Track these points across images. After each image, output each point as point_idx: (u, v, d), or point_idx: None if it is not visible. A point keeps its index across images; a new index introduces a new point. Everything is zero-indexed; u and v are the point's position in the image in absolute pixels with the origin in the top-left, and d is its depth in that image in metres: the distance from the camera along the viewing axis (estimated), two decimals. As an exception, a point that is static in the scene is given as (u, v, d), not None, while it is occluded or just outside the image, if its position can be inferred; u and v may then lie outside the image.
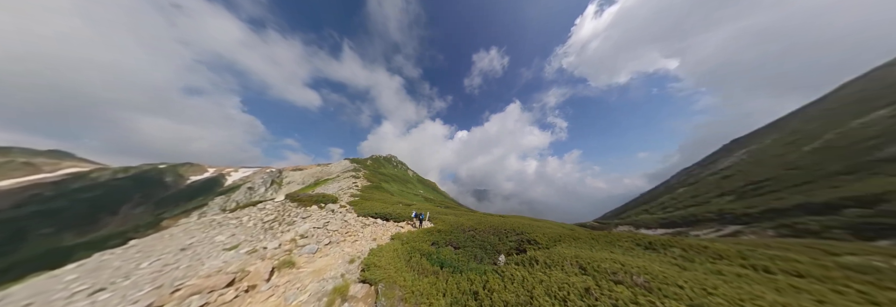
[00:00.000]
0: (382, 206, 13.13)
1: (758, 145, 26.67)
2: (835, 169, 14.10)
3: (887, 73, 23.06)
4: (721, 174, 24.05)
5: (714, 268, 4.81)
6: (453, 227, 9.57)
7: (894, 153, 12.03)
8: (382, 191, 25.55)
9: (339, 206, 12.70)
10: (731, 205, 14.90)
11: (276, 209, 12.34)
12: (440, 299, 4.22)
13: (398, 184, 45.48)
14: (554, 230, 9.54)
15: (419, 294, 4.35)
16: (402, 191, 38.10)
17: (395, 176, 54.14)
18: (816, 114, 25.81)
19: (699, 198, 19.74)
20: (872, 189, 9.53)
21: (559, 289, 4.00)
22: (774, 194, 13.66)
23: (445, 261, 6.41)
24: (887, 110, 16.68)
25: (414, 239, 7.92)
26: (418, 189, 51.44)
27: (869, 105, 19.54)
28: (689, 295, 3.41)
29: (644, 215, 20.71)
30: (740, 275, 4.38)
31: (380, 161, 69.88)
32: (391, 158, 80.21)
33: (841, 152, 15.78)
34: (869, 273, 4.27)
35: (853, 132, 17.46)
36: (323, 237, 8.17)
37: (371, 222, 10.68)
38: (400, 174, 63.12)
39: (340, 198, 15.93)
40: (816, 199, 10.69)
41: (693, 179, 27.96)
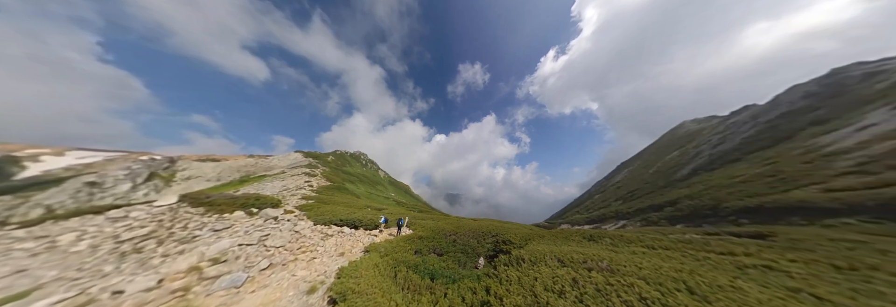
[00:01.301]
0: (348, 211, 10.57)
1: (631, 167, 42.36)
2: (661, 184, 23.95)
3: (679, 129, 47.22)
4: (615, 186, 35.76)
5: (629, 249, 6.73)
6: (434, 233, 8.75)
7: (682, 175, 22.67)
8: (346, 194, 21.16)
9: (283, 212, 9.43)
10: (620, 207, 21.96)
11: (155, 219, 7.94)
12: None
13: (366, 185, 38.20)
14: (521, 230, 10.10)
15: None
16: (370, 193, 32.16)
17: (364, 176, 45.50)
18: (653, 150, 44.76)
19: (605, 203, 28.75)
20: (673, 196, 16.62)
21: (553, 283, 4.34)
22: (639, 199, 21.66)
23: (436, 271, 5.67)
24: (678, 152, 32.79)
25: (394, 249, 6.63)
26: (389, 191, 44.56)
27: (673, 146, 37.22)
28: (634, 271, 4.57)
29: (576, 215, 27.43)
30: (645, 252, 6.30)
31: (345, 158, 57.45)
32: (360, 156, 67.77)
33: (662, 174, 27.31)
34: (690, 242, 6.91)
35: (666, 162, 31.22)
36: (257, 258, 5.56)
37: (335, 232, 8.14)
38: (369, 174, 53.39)
39: (286, 200, 12.41)
40: (655, 202, 17.70)
41: (602, 189, 40.53)
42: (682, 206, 14.45)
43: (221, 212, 8.88)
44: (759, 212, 10.69)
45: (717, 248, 6.28)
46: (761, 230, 8.90)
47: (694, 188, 16.59)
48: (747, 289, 3.57)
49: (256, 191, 15.12)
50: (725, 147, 23.36)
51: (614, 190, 32.89)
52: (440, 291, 4.61)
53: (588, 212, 25.97)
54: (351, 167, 52.52)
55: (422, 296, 4.33)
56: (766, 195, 11.47)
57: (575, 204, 44.19)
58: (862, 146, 12.05)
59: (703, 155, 25.32)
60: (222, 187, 24.95)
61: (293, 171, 28.11)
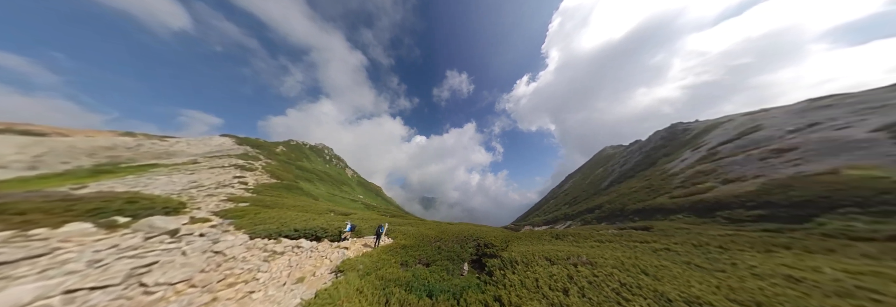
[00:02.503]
0: (306, 218, 8.23)
1: (574, 179, 54.30)
2: (592, 192, 32.26)
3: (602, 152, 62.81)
4: (563, 193, 44.91)
5: (588, 244, 8.60)
6: (418, 240, 7.99)
7: (604, 186, 31.38)
8: (299, 195, 17.22)
9: (188, 222, 6.51)
10: (567, 210, 28.13)
11: None
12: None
13: (329, 185, 32.58)
14: (497, 233, 10.29)
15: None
16: (333, 195, 27.09)
17: (327, 174, 38.46)
18: (588, 166, 58.65)
19: (557, 207, 35.63)
20: (599, 202, 22.70)
21: (554, 281, 4.62)
22: (579, 204, 28.29)
23: (433, 286, 4.84)
24: (602, 169, 44.22)
25: (377, 264, 5.38)
26: (357, 193, 40.10)
27: (599, 165, 49.97)
28: (606, 262, 5.46)
29: (536, 218, 32.59)
30: (599, 245, 8.28)
31: (303, 150, 47.07)
32: (324, 150, 57.46)
33: (593, 185, 36.45)
34: (621, 235, 9.67)
35: (595, 176, 42.01)
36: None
37: (287, 247, 5.91)
38: (334, 173, 45.65)
39: (195, 203, 8.83)
40: (589, 206, 23.34)
41: (554, 196, 50.20)
42: (604, 209, 19.69)
43: (27, 226, 4.35)
44: (643, 212, 15.69)
45: (637, 239, 8.88)
46: (646, 224, 12.96)
47: (610, 196, 22.64)
48: (670, 266, 5.35)
49: (133, 189, 9.86)
50: (626, 167, 33.40)
51: (563, 196, 41.54)
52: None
53: (545, 215, 31.49)
54: (310, 162, 43.44)
55: (431, 323, 3.59)
56: (646, 201, 16.95)
57: (535, 208, 52.09)
58: (682, 171, 19.26)
59: (615, 172, 35.29)
60: (41, 181, 12.83)
61: (215, 162, 19.77)
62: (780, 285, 4.11)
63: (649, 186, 20.36)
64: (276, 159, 30.62)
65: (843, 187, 9.77)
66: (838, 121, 16.35)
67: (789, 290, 3.85)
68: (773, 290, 3.89)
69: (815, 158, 13.11)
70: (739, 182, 13.89)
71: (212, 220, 7.21)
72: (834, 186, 10.04)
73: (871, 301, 3.33)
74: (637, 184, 22.59)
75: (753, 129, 21.32)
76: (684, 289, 4.06)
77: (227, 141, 33.80)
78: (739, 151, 18.22)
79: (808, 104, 22.25)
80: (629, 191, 21.72)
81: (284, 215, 8.40)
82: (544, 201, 54.23)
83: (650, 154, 32.44)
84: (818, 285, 4.05)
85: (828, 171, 11.37)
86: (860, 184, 9.66)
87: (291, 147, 45.57)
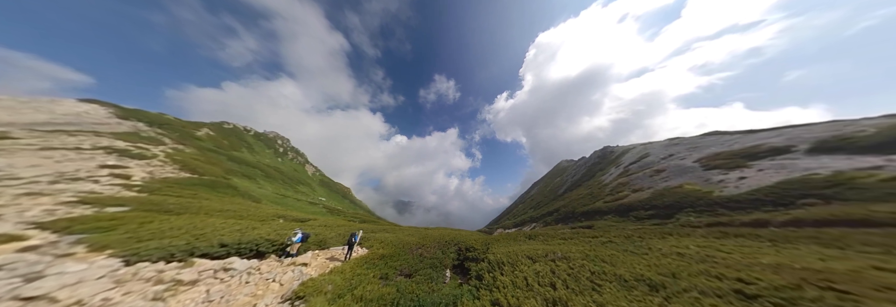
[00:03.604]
0: (238, 227, 6.31)
1: (539, 186, 63.09)
2: (551, 198, 38.99)
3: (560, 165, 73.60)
4: (530, 198, 52.39)
5: (556, 242, 10.26)
6: (398, 249, 7.37)
7: (560, 193, 38.78)
8: (230, 195, 13.54)
9: None
10: (533, 213, 32.24)
11: None
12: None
13: (279, 184, 26.29)
14: (475, 236, 10.66)
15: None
16: (284, 196, 20.96)
17: (277, 170, 31.30)
18: (549, 176, 68.58)
19: (524, 211, 41.06)
20: (556, 206, 27.99)
21: (541, 277, 5.04)
22: (541, 208, 33.00)
23: (425, 300, 4.34)
24: (559, 178, 53.95)
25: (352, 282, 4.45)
26: (319, 195, 34.16)
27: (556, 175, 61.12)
28: (576, 256, 6.29)
29: (506, 221, 36.21)
30: (565, 242, 10.12)
31: (242, 137, 37.42)
32: (276, 139, 46.81)
33: (552, 192, 44.12)
34: (578, 233, 11.92)
35: (554, 184, 50.70)
36: None
37: (203, 273, 4.23)
38: (288, 169, 38.11)
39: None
40: (548, 210, 27.92)
41: (523, 201, 57.53)
42: (560, 212, 23.96)
43: None
44: (587, 214, 19.99)
45: (588, 235, 11.22)
46: (589, 224, 17.10)
47: (565, 201, 27.76)
48: (617, 254, 7.03)
49: None
50: (576, 178, 41.59)
51: (530, 201, 48.28)
52: None
53: (515, 218, 35.16)
54: (253, 154, 34.96)
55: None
56: (589, 205, 21.60)
57: (506, 212, 58.56)
58: (610, 183, 25.44)
59: (568, 182, 43.41)
60: None
61: (59, 140, 13.20)
62: (676, 259, 6.24)
63: (590, 194, 26.15)
64: (195, 145, 23.11)
65: (684, 196, 15.16)
66: (679, 154, 25.17)
67: (681, 262, 5.64)
68: (676, 263, 5.50)
69: (672, 177, 20.63)
70: (641, 191, 19.44)
71: (30, 238, 4.28)
72: (680, 195, 15.48)
73: (714, 261, 5.72)
74: (583, 192, 28.02)
75: (645, 155, 31.55)
76: (632, 270, 5.16)
77: (94, 110, 22.36)
78: (639, 170, 26.07)
79: (668, 142, 33.28)
80: (577, 197, 26.99)
81: (202, 224, 6.09)
82: (514, 206, 61.03)
83: (591, 168, 41.29)
84: (691, 256, 6.35)
85: (677, 186, 17.33)
86: (690, 194, 15.22)
87: (224, 131, 35.19)
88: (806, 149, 16.55)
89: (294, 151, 49.14)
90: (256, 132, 44.65)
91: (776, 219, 9.54)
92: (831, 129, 17.98)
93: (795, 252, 5.93)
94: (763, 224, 9.61)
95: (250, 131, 43.76)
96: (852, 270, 4.31)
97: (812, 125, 20.83)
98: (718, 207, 13.01)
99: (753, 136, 22.76)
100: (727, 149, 21.36)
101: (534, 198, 49.97)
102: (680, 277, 4.76)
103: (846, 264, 4.77)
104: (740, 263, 5.25)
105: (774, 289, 3.83)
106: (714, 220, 11.60)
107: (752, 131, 25.09)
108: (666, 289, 4.40)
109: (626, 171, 27.88)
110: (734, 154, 19.40)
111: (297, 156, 48.31)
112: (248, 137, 39.07)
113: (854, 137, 15.56)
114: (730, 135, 26.52)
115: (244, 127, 42.92)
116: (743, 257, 5.76)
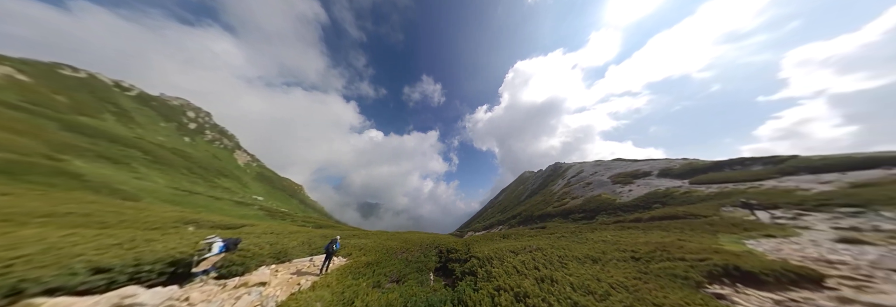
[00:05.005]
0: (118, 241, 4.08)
1: (506, 193, 71.40)
2: (515, 203, 46.85)
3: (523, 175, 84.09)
4: (498, 203, 59.57)
5: (525, 239, 13.60)
6: (383, 255, 7.42)
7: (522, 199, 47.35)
8: (63, 186, 9.16)
9: None
10: (500, 217, 36.87)
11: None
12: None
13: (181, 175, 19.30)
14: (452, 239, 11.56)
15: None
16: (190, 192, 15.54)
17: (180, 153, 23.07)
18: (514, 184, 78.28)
19: (492, 215, 46.47)
20: (519, 211, 34.18)
21: (525, 265, 6.35)
22: (507, 212, 38.90)
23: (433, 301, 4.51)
24: (522, 186, 63.53)
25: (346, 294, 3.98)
26: (253, 192, 26.74)
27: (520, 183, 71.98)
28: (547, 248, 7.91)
29: (476, 224, 40.02)
30: (533, 239, 13.68)
31: (106, 95, 24.20)
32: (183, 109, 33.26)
33: (516, 198, 53.08)
34: (538, 232, 16.04)
35: (518, 192, 59.63)
36: None
37: None
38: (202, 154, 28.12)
39: None
40: (513, 214, 33.72)
41: (491, 206, 64.00)
42: (522, 216, 29.06)
43: None
44: (541, 217, 25.49)
45: (546, 232, 15.08)
46: (543, 224, 22.62)
47: (525, 206, 33.37)
48: (569, 244, 10.14)
49: None
50: (534, 187, 49.77)
51: (497, 206, 54.42)
52: None
53: (484, 222, 39.48)
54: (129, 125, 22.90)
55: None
56: (543, 209, 27.38)
57: (476, 216, 64.08)
58: (558, 191, 33.00)
59: (528, 190, 51.45)
60: None
61: None
62: (602, 244, 9.53)
63: (544, 200, 33.63)
64: None
65: (602, 203, 22.14)
66: (600, 172, 37.15)
67: (605, 245, 8.13)
68: (602, 246, 8.09)
69: (595, 189, 29.72)
70: (577, 199, 26.50)
71: None
72: (599, 202, 22.35)
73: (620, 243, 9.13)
74: (538, 199, 35.36)
75: (580, 171, 42.44)
76: (581, 252, 7.31)
77: None
78: (577, 183, 35.64)
79: (594, 162, 47.02)
80: (535, 203, 33.77)
81: (19, 240, 3.49)
82: (484, 210, 67.50)
83: (545, 179, 50.86)
84: (609, 241, 10.04)
85: (597, 195, 24.83)
86: (605, 201, 22.29)
87: (58, 79, 22.00)
88: (656, 174, 27.21)
89: (216, 131, 36.96)
90: (143, 93, 30.57)
91: (644, 217, 15.89)
92: (665, 164, 29.52)
93: (652, 234, 10.59)
94: (638, 220, 15.77)
95: (130, 90, 29.42)
96: (670, 242, 8.58)
97: (658, 160, 33.37)
98: (618, 210, 19.91)
99: (636, 164, 35.07)
100: (624, 170, 32.09)
101: (501, 204, 57.02)
102: (607, 253, 8.07)
103: (667, 239, 9.26)
104: (631, 243, 9.13)
105: (645, 254, 7.50)
106: (617, 219, 17.83)
107: (635, 161, 38.55)
108: (601, 260, 7.47)
109: (569, 183, 36.83)
110: (627, 174, 29.49)
111: (221, 137, 36.64)
112: (121, 98, 25.95)
113: (672, 169, 26.41)
114: (626, 161, 39.73)
115: (116, 81, 28.59)
116: (632, 239, 9.86)
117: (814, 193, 11.51)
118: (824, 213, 8.94)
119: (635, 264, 6.79)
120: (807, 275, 4.75)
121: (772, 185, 14.88)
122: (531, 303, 4.43)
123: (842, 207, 9.00)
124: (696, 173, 23.25)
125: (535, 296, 4.76)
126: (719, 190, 16.93)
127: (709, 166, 23.96)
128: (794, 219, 8.78)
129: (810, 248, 6.00)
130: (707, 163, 24.82)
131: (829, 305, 3.70)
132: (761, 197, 12.15)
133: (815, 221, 8.34)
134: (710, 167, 23.79)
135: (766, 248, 6.52)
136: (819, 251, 5.71)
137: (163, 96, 33.27)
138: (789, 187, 13.48)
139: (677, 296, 4.52)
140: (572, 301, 4.58)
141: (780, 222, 8.71)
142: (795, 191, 12.42)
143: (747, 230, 8.15)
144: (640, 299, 4.44)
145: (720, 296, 4.58)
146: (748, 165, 21.01)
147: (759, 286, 4.82)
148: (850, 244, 5.87)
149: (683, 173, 24.21)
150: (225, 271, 4.24)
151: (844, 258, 5.19)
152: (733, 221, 9.59)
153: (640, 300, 4.40)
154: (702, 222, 10.57)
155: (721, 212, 12.12)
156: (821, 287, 4.26)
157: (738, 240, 7.61)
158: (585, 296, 4.83)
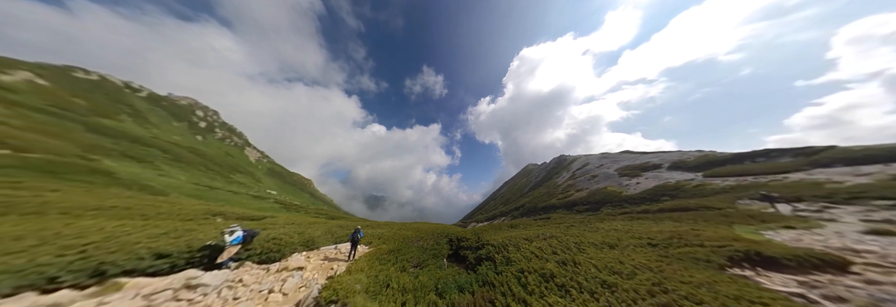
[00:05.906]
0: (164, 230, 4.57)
1: (509, 185, 73.60)
2: (519, 195, 47.85)
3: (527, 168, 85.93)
4: (501, 195, 61.66)
5: (534, 228, 14.63)
6: (401, 243, 8.10)
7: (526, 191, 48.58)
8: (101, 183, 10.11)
9: None
10: (502, 208, 37.92)
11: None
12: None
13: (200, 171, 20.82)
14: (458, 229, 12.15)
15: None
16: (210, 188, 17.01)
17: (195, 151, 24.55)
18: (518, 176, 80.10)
19: (495, 206, 47.83)
20: (522, 202, 34.85)
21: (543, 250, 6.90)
22: (510, 204, 39.97)
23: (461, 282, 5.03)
24: (526, 179, 69.77)
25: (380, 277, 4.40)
26: (267, 186, 29.08)
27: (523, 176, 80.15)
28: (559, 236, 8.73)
29: (479, 216, 41.28)
30: (541, 228, 14.85)
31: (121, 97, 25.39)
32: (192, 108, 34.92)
33: (519, 190, 53.99)
34: (545, 222, 17.40)
35: (521, 184, 61.63)
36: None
37: (148, 302, 2.73)
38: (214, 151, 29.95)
39: None
40: (516, 206, 34.60)
41: (494, 198, 65.98)
42: (525, 207, 29.69)
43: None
44: (545, 209, 25.98)
45: (554, 223, 15.95)
46: (547, 216, 23.84)
47: (529, 198, 34.06)
48: (579, 232, 10.93)
49: None
50: (538, 179, 50.70)
51: (500, 198, 56.05)
52: None
53: (486, 213, 40.38)
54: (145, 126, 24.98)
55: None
56: (546, 201, 27.92)
57: (479, 207, 65.46)
58: (562, 184, 33.58)
59: (532, 182, 52.68)
60: None
61: None
62: (615, 232, 10.12)
63: (548, 192, 34.16)
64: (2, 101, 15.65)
65: (607, 195, 22.40)
66: (606, 165, 37.31)
67: (618, 233, 9.60)
68: (616, 234, 8.97)
69: (601, 181, 29.94)
70: (582, 191, 27.02)
71: None
72: (605, 194, 22.60)
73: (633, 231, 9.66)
74: (542, 191, 36.15)
75: (585, 164, 42.68)
76: (596, 240, 7.91)
77: None
78: (582, 175, 35.92)
79: (601, 155, 47.43)
80: (539, 195, 34.42)
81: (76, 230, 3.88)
82: (486, 202, 69.00)
83: (549, 172, 51.48)
84: (621, 230, 10.53)
85: (603, 188, 25.39)
86: (611, 193, 22.62)
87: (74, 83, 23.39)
88: (667, 166, 27.00)
89: (226, 129, 38.94)
90: (153, 94, 32.17)
91: (652, 209, 16.12)
92: (677, 157, 29.11)
93: (663, 224, 10.82)
94: (646, 212, 16.04)
95: (140, 91, 30.68)
96: (685, 230, 8.80)
97: (670, 153, 32.75)
98: (625, 203, 20.09)
99: (645, 156, 34.68)
100: (632, 163, 31.89)
101: (504, 196, 58.28)
102: (622, 240, 8.33)
103: (681, 228, 9.42)
104: (644, 231, 9.38)
105: (662, 240, 7.76)
106: (623, 211, 18.12)
107: (644, 153, 38.05)
108: (618, 246, 7.72)
109: (574, 176, 36.96)
110: (636, 167, 29.34)
111: (231, 135, 38.65)
112: (134, 99, 27.67)
113: (685, 162, 26.06)
114: (634, 154, 39.29)
115: (126, 82, 29.74)
116: (644, 229, 10.11)
117: (847, 186, 10.84)
118: (855, 206, 8.49)
119: (654, 250, 7.02)
120: (831, 260, 4.85)
121: (798, 178, 13.98)
122: (559, 283, 4.65)
123: (878, 200, 8.47)
124: (711, 166, 22.67)
125: (561, 276, 5.02)
126: (736, 183, 16.39)
127: (727, 158, 23.25)
128: (819, 211, 8.57)
129: (834, 239, 5.98)
130: (725, 155, 24.05)
131: (856, 285, 3.77)
132: (784, 189, 11.67)
133: (843, 214, 7.98)
134: (728, 159, 23.07)
135: (785, 239, 6.51)
136: (843, 242, 5.71)
137: (171, 96, 33.82)
138: (819, 180, 12.69)
139: (703, 275, 4.70)
140: (600, 279, 4.80)
141: (802, 215, 8.61)
142: (825, 183, 11.79)
143: (765, 221, 8.10)
144: (668, 277, 4.63)
145: (744, 278, 4.73)
146: (774, 157, 19.77)
147: (781, 270, 4.96)
148: (880, 235, 5.84)
149: (697, 166, 23.83)
150: (264, 257, 4.96)
151: (872, 248, 5.22)
152: (750, 213, 9.52)
153: (668, 278, 4.59)
154: (715, 214, 10.92)
155: (736, 204, 11.92)
156: (845, 272, 4.34)
157: (755, 230, 7.58)
158: (611, 275, 5.05)
